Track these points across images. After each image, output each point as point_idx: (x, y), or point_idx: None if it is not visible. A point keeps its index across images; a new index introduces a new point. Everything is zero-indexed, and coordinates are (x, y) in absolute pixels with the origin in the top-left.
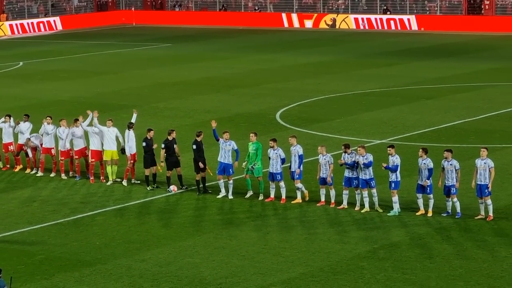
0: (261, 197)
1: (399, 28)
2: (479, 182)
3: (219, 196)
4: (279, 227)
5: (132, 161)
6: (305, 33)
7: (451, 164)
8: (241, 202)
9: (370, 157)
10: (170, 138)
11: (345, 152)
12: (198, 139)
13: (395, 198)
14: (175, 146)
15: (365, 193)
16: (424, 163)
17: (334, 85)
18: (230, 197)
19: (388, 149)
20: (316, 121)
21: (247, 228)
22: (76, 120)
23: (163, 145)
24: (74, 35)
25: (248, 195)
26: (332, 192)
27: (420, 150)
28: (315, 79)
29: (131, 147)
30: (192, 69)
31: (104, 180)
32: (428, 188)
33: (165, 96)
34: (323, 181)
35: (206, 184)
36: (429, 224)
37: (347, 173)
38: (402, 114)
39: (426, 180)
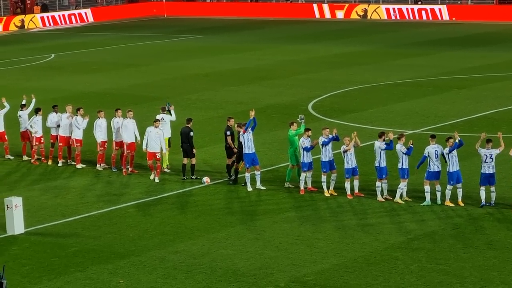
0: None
1: (430, 18)
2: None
3: (249, 190)
4: (312, 218)
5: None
6: (336, 23)
7: (491, 154)
8: (272, 193)
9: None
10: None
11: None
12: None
13: (427, 188)
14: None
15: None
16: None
17: (366, 75)
18: (262, 188)
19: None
20: (349, 112)
21: (280, 219)
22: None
23: (228, 133)
24: (105, 27)
25: (286, 185)
26: (355, 182)
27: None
28: (347, 69)
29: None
30: (224, 61)
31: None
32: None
33: (197, 88)
34: (351, 172)
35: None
36: (461, 214)
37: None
38: (434, 104)
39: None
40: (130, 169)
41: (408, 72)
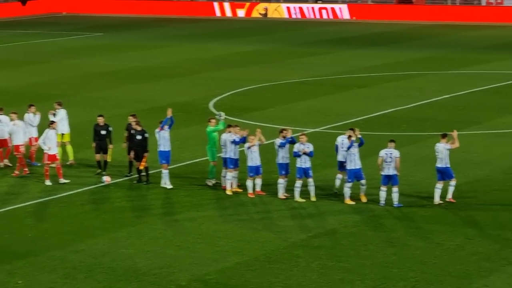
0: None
1: (331, 17)
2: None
3: (168, 186)
4: (214, 217)
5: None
6: (238, 22)
7: (391, 153)
8: (174, 192)
9: (311, 147)
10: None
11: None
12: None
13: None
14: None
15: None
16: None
17: (267, 74)
18: (169, 186)
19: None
20: (250, 110)
21: (181, 218)
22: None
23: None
24: (3, 24)
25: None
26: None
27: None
28: (248, 68)
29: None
30: (124, 59)
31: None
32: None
33: (97, 86)
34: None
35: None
36: (362, 212)
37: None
38: (335, 103)
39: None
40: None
41: (309, 70)
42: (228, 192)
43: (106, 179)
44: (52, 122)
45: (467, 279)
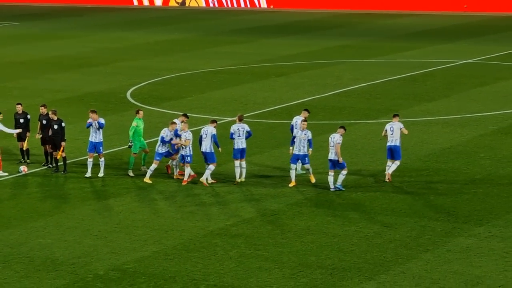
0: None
1: (248, 6)
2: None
3: (87, 176)
4: (132, 206)
5: None
6: (155, 11)
7: (305, 134)
8: (91, 181)
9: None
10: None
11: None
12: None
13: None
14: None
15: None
16: (305, 134)
17: (185, 63)
18: (101, 175)
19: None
20: (167, 99)
21: (99, 207)
22: None
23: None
24: None
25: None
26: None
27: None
28: (166, 57)
29: None
30: (41, 48)
31: None
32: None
33: (13, 76)
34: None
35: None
36: (280, 200)
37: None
38: (252, 91)
39: (310, 149)
40: None
41: (227, 59)
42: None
43: (23, 168)
44: None
45: (384, 266)
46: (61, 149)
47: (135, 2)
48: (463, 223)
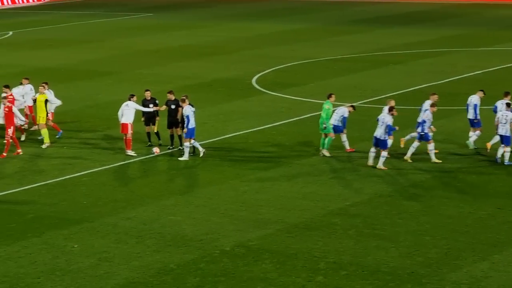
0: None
1: None
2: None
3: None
4: (256, 187)
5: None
6: (280, 2)
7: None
8: (218, 162)
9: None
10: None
11: None
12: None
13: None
14: (150, 105)
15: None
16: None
17: (307, 51)
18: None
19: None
20: (290, 86)
21: (225, 187)
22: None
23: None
24: (60, 5)
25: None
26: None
27: None
28: (289, 46)
29: None
30: (173, 37)
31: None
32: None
33: (147, 63)
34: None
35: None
36: (397, 182)
37: None
38: (370, 78)
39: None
40: None
41: (346, 48)
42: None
43: (156, 150)
44: (132, 95)
45: (497, 247)
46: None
47: None
48: None
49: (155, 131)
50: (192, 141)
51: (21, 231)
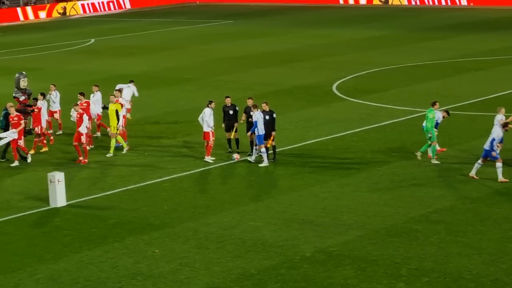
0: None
1: (449, 3)
2: None
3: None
4: (337, 192)
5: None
6: (360, 9)
7: None
8: (298, 169)
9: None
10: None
11: None
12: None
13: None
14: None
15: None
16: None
17: (388, 58)
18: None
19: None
20: (371, 92)
21: (306, 193)
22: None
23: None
24: (141, 13)
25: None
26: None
27: None
28: (370, 52)
29: None
30: (252, 44)
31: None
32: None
33: (227, 70)
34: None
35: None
36: (480, 189)
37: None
38: (452, 85)
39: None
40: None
41: (428, 54)
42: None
43: (236, 156)
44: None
45: None
46: (271, 138)
47: (341, 1)
48: None
49: (235, 137)
50: (263, 149)
51: (102, 236)
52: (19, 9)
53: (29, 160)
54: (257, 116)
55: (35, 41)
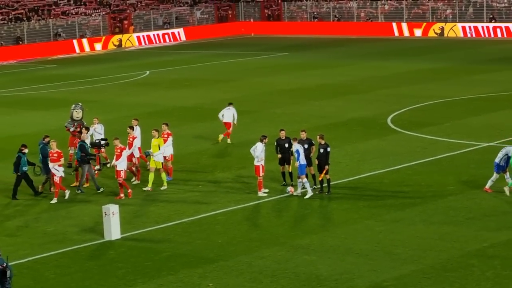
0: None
1: (505, 35)
2: None
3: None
4: (391, 226)
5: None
6: (415, 41)
7: None
8: (353, 202)
9: None
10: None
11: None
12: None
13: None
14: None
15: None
16: None
17: (443, 90)
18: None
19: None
20: (426, 125)
21: (361, 227)
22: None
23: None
24: (196, 45)
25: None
26: None
27: None
28: (425, 85)
29: None
30: (308, 77)
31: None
32: None
33: (282, 102)
34: None
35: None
36: None
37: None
38: (509, 117)
39: None
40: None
41: (483, 87)
42: None
43: (290, 189)
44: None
45: None
46: (324, 171)
47: (396, 33)
48: None
49: (289, 170)
50: (304, 179)
51: (156, 269)
52: (75, 41)
53: (66, 196)
54: (297, 147)
55: (90, 73)
